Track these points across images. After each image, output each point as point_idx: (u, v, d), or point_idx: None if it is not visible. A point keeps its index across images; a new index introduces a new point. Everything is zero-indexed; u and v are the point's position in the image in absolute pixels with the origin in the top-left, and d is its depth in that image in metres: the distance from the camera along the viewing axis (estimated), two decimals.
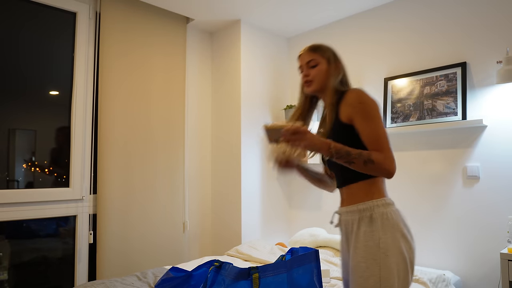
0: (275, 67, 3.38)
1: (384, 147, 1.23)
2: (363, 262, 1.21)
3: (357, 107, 1.27)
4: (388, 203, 1.28)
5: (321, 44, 1.45)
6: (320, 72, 1.41)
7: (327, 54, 1.42)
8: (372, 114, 1.26)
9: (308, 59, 1.43)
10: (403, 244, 1.22)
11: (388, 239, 1.21)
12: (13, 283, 2.32)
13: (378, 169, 1.21)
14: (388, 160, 1.21)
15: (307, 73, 1.43)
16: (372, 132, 1.25)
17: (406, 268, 1.21)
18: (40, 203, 2.35)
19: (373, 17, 2.89)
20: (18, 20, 2.39)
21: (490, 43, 2.31)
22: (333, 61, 1.42)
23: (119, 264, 2.53)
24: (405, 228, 1.26)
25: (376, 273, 1.18)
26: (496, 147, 2.25)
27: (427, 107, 2.50)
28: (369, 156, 1.21)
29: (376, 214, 1.25)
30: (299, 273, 1.36)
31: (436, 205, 2.47)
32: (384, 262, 1.19)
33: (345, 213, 1.34)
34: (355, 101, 1.29)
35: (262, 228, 3.15)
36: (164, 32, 2.94)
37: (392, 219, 1.24)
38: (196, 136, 3.23)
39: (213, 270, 1.45)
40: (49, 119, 2.55)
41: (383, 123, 1.27)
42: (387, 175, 1.23)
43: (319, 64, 1.41)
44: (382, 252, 1.19)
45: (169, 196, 2.86)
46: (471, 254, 2.31)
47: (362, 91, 1.31)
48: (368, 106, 1.27)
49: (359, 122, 1.27)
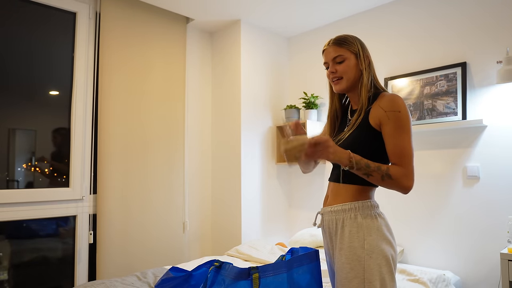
0: (275, 67, 3.38)
1: (406, 162, 1.18)
2: (347, 263, 1.19)
3: (391, 113, 1.20)
4: (373, 205, 1.25)
5: (347, 36, 1.33)
6: (348, 68, 1.30)
7: (355, 47, 1.31)
8: (405, 126, 1.20)
9: (335, 54, 1.31)
10: (387, 247, 1.19)
11: (373, 241, 1.18)
12: (13, 283, 2.32)
13: (395, 184, 1.18)
14: (406, 177, 1.17)
15: (333, 69, 1.32)
16: (399, 144, 1.19)
17: (391, 271, 1.18)
18: (40, 203, 2.35)
19: (373, 17, 2.89)
20: (18, 20, 2.39)
21: (490, 43, 2.31)
22: (362, 55, 1.31)
23: (119, 264, 2.53)
24: (388, 231, 1.23)
25: (360, 275, 1.16)
26: (496, 147, 2.25)
27: (427, 107, 2.50)
28: (387, 171, 1.17)
29: (362, 215, 1.22)
30: (299, 273, 1.36)
31: (436, 205, 2.47)
32: (368, 264, 1.16)
33: (329, 213, 1.30)
34: (391, 107, 1.21)
35: (262, 228, 3.15)
36: (164, 32, 2.94)
37: (377, 221, 1.22)
38: (196, 136, 3.23)
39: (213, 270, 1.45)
40: (49, 119, 2.55)
41: (411, 138, 1.21)
42: (403, 191, 1.19)
43: (346, 59, 1.30)
44: (367, 253, 1.17)
45: (169, 196, 2.86)
46: (471, 254, 2.31)
47: (401, 99, 1.23)
48: (403, 116, 1.20)
49: (389, 130, 1.20)
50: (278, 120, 3.35)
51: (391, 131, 1.20)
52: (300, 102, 3.29)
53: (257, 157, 3.16)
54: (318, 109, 3.17)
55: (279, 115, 3.36)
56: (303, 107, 3.20)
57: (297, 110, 3.20)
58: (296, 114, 3.20)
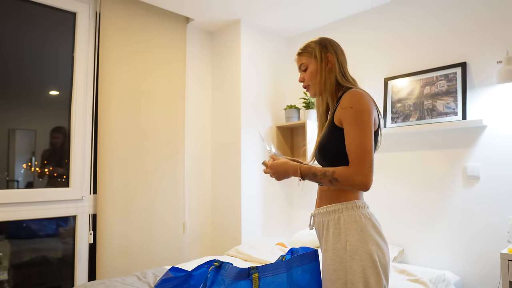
0: (275, 67, 3.38)
1: (358, 160, 1.16)
2: (331, 265, 1.19)
3: (346, 110, 1.21)
4: (358, 205, 1.23)
5: (308, 43, 1.39)
6: (311, 75, 1.36)
7: (314, 52, 1.35)
8: (357, 122, 1.18)
9: (299, 63, 1.40)
10: (373, 248, 1.17)
11: (356, 242, 1.17)
12: (13, 283, 2.32)
13: (345, 185, 1.19)
14: (356, 175, 1.15)
15: (301, 78, 1.40)
16: (353, 140, 1.18)
17: (377, 273, 1.16)
18: (40, 203, 2.35)
19: (373, 17, 2.89)
20: (18, 20, 2.39)
21: (490, 43, 2.31)
22: (323, 58, 1.35)
23: (119, 264, 2.53)
24: (375, 232, 1.21)
25: (343, 276, 1.16)
26: (496, 147, 2.25)
27: (427, 107, 2.50)
28: (332, 175, 1.19)
29: (344, 216, 1.21)
30: (298, 273, 1.36)
31: (436, 205, 2.47)
32: (350, 265, 1.15)
33: (317, 215, 1.32)
34: (345, 104, 1.22)
35: (262, 228, 3.15)
36: (164, 32, 2.94)
37: (361, 222, 1.20)
38: (196, 136, 3.23)
39: (213, 270, 1.45)
40: (49, 119, 2.55)
41: (368, 132, 1.19)
42: (358, 189, 1.19)
43: (308, 65, 1.37)
44: (349, 255, 1.16)
45: (169, 196, 2.86)
46: (471, 254, 2.31)
47: (357, 93, 1.23)
48: (355, 111, 1.19)
49: (345, 127, 1.22)
50: (278, 120, 3.35)
51: (346, 129, 1.22)
52: (300, 102, 3.29)
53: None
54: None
55: (279, 115, 3.36)
56: (303, 107, 3.20)
57: (297, 110, 3.20)
58: (296, 114, 3.20)
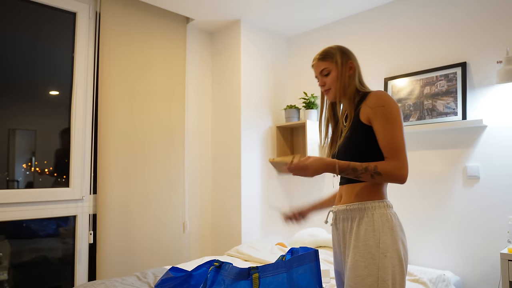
0: (275, 67, 3.38)
1: (396, 154, 1.23)
2: (362, 261, 1.23)
3: (376, 109, 1.27)
4: (388, 205, 1.31)
5: (329, 49, 1.45)
6: (334, 80, 1.41)
7: (336, 58, 1.42)
8: (391, 119, 1.26)
9: (320, 68, 1.44)
10: (400, 247, 1.24)
11: (388, 240, 1.22)
12: (13, 283, 2.32)
13: (387, 179, 1.23)
14: (397, 169, 1.21)
15: (322, 82, 1.45)
16: (387, 137, 1.25)
17: (402, 271, 1.23)
18: (40, 203, 2.35)
19: (373, 17, 2.89)
20: (18, 20, 2.39)
21: (490, 43, 2.31)
22: (344, 63, 1.41)
23: (119, 264, 2.53)
24: (401, 231, 1.29)
25: (375, 273, 1.20)
26: (496, 147, 2.25)
27: (427, 107, 2.50)
28: (375, 169, 1.22)
29: (378, 214, 1.26)
30: (298, 273, 1.36)
31: (436, 205, 2.47)
32: (382, 263, 1.20)
33: (344, 211, 1.34)
34: (375, 103, 1.29)
35: (262, 228, 3.15)
36: (164, 32, 2.94)
37: (392, 221, 1.26)
38: (196, 136, 3.23)
39: (213, 270, 1.45)
40: (49, 119, 2.55)
41: (401, 128, 1.26)
42: (398, 182, 1.24)
43: (331, 71, 1.42)
44: (382, 252, 1.21)
45: (169, 196, 2.86)
46: (471, 254, 2.31)
47: (385, 93, 1.31)
48: (388, 109, 1.27)
49: (377, 125, 1.27)
50: (278, 120, 3.35)
51: (379, 126, 1.27)
52: (300, 102, 3.29)
53: (257, 157, 3.16)
54: (318, 109, 3.17)
55: (279, 115, 3.36)
56: (303, 107, 3.20)
57: (297, 110, 3.20)
58: (296, 114, 3.20)
